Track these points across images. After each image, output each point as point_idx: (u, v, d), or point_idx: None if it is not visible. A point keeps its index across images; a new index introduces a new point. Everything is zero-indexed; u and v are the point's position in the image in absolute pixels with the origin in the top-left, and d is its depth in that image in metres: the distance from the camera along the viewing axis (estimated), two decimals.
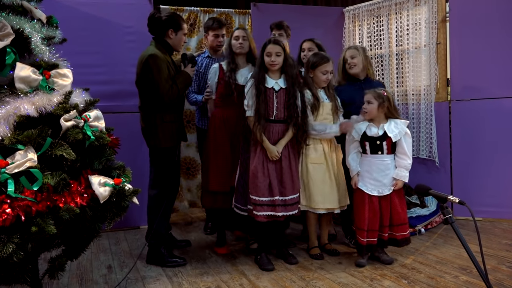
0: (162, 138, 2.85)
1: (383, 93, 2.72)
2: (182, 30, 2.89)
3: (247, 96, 2.78)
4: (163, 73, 2.74)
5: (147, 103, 2.85)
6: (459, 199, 1.59)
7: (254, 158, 2.77)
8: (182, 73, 2.91)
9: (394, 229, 2.75)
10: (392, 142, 2.70)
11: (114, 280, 2.64)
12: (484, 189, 3.67)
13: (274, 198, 2.72)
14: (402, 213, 2.75)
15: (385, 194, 2.72)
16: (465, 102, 3.75)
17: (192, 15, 4.21)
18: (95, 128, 2.07)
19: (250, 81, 2.80)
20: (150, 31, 2.89)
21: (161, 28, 2.83)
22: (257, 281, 2.56)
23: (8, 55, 1.90)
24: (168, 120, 2.86)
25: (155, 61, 2.73)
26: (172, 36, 2.85)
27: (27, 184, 1.74)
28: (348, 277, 2.58)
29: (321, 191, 2.85)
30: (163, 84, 2.73)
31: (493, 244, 3.09)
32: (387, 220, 2.73)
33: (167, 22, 2.82)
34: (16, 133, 1.81)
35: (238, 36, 2.99)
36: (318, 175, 2.86)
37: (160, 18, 2.83)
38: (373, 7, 4.23)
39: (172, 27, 2.84)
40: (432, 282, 2.46)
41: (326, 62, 2.89)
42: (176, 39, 2.88)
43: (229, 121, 2.99)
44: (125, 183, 2.06)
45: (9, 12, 1.98)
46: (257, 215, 2.72)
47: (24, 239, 1.72)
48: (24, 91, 1.91)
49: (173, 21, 2.84)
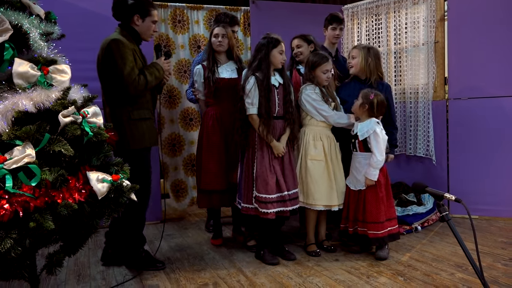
0: (130, 138, 2.58)
1: (370, 96, 2.80)
2: (151, 17, 2.65)
3: (250, 94, 2.76)
4: (127, 60, 2.50)
5: (111, 96, 2.59)
6: (456, 197, 1.60)
7: (261, 156, 2.78)
8: (153, 65, 2.68)
9: (367, 226, 2.82)
10: (360, 140, 2.82)
11: (111, 276, 2.64)
12: (480, 187, 3.69)
13: (283, 193, 2.77)
14: (375, 212, 2.79)
15: (358, 189, 2.86)
16: (463, 101, 3.76)
17: (178, 11, 4.10)
18: (93, 124, 2.07)
19: (251, 78, 2.77)
20: (115, 16, 2.66)
21: (126, 13, 2.60)
22: (254, 278, 2.57)
23: (6, 50, 1.89)
24: (136, 117, 2.59)
25: (118, 46, 2.50)
26: (139, 23, 2.62)
27: (25, 179, 1.74)
28: (344, 274, 2.59)
29: (319, 188, 2.87)
30: (127, 71, 2.48)
31: (489, 242, 3.11)
32: (360, 215, 2.84)
33: (132, 7, 2.59)
34: (14, 129, 1.81)
35: (218, 34, 3.02)
36: (317, 172, 2.88)
37: (125, 2, 2.59)
38: (372, 5, 4.24)
39: (138, 13, 2.60)
40: (428, 279, 2.47)
41: (326, 61, 2.90)
42: (143, 26, 2.64)
43: (222, 118, 3.02)
44: (123, 179, 2.06)
45: (7, 7, 1.97)
46: (268, 213, 2.72)
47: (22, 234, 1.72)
48: (23, 87, 1.90)
49: (139, 6, 2.60)
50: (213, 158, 3.02)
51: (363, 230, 2.83)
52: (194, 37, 4.17)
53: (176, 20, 4.09)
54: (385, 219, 2.80)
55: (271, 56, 2.76)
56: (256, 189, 2.76)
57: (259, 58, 2.78)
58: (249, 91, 2.75)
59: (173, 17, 4.07)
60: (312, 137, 2.91)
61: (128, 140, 2.57)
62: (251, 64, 2.84)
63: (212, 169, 3.01)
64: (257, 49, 2.83)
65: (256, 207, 2.78)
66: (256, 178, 2.77)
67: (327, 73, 2.91)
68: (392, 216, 2.86)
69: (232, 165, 3.04)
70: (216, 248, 3.15)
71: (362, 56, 3.03)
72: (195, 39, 4.17)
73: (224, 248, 3.16)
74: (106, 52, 2.52)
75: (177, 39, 4.10)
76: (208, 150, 3.03)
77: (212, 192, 3.03)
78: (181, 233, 3.59)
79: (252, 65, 2.82)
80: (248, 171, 2.83)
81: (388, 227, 2.81)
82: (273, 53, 2.76)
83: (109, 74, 2.55)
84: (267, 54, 2.76)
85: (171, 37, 4.06)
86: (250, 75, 2.79)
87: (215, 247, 3.17)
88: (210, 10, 4.23)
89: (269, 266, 2.74)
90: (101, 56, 2.57)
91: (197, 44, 4.17)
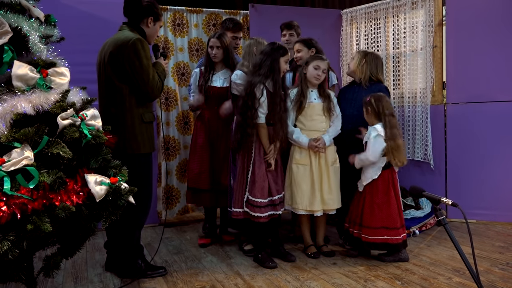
0: (141, 142, 2.50)
1: (366, 98, 2.86)
2: (160, 22, 2.67)
3: (263, 104, 2.74)
4: (150, 62, 2.45)
5: (124, 96, 2.47)
6: (452, 201, 1.61)
7: (259, 162, 2.80)
8: (159, 65, 2.60)
9: (361, 229, 2.83)
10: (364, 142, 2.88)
11: (109, 279, 2.64)
12: (478, 191, 3.70)
13: (273, 197, 2.82)
14: (368, 216, 2.80)
15: (360, 191, 2.89)
16: (461, 105, 3.77)
17: (178, 15, 4.10)
18: (92, 127, 2.07)
19: (264, 89, 2.74)
20: (126, 14, 2.60)
21: (140, 13, 2.55)
22: (252, 281, 2.57)
23: (6, 53, 1.90)
24: (147, 120, 2.55)
25: (144, 47, 2.42)
26: (150, 26, 2.59)
27: (23, 182, 1.74)
28: (342, 277, 2.59)
29: (301, 192, 2.88)
30: (152, 74, 2.44)
31: (487, 246, 3.12)
32: (358, 218, 2.86)
33: (148, 9, 2.56)
34: (13, 131, 1.81)
35: (212, 46, 3.16)
36: (300, 176, 2.90)
37: (140, 2, 2.54)
38: (371, 9, 4.26)
39: (152, 15, 2.58)
40: (426, 283, 2.48)
41: (319, 59, 2.91)
42: (153, 29, 2.62)
43: (210, 122, 3.21)
44: (121, 182, 2.06)
45: (7, 10, 1.98)
46: (260, 217, 2.75)
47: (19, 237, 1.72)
48: (22, 89, 1.91)
49: (155, 9, 2.59)
50: (196, 158, 3.23)
51: (358, 233, 2.85)
52: (193, 40, 4.17)
53: (176, 24, 4.10)
54: (380, 226, 2.77)
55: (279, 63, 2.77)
56: (252, 193, 2.77)
57: (268, 65, 2.74)
58: (263, 102, 2.74)
59: (172, 20, 4.07)
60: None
61: (139, 144, 2.50)
62: (257, 70, 2.77)
63: (194, 169, 3.22)
64: (264, 55, 2.78)
65: (246, 211, 2.79)
66: (253, 182, 2.78)
67: (318, 70, 2.89)
68: (392, 225, 2.77)
69: (218, 168, 3.21)
70: (214, 251, 3.15)
71: (358, 58, 3.09)
72: (194, 42, 4.17)
73: (222, 251, 3.16)
74: (131, 50, 2.39)
75: (176, 41, 4.10)
76: (193, 151, 3.27)
77: (196, 190, 3.23)
78: (179, 236, 3.59)
79: (260, 71, 2.76)
80: (242, 176, 2.84)
81: (385, 235, 2.76)
82: (280, 62, 2.77)
83: (131, 73, 2.43)
84: (278, 61, 2.76)
85: (170, 39, 4.07)
86: (259, 83, 2.74)
87: (212, 250, 3.17)
88: (209, 13, 4.24)
89: (267, 269, 2.74)
90: (119, 54, 2.41)
91: (196, 47, 4.18)
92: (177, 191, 4.12)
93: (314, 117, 2.93)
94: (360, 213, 2.84)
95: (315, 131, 2.93)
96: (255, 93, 2.73)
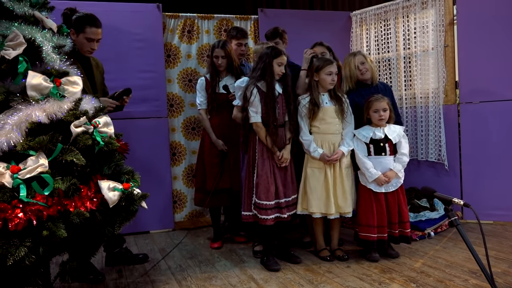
0: None
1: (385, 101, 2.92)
2: (84, 34, 2.65)
3: (254, 103, 2.80)
4: None
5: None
6: (464, 202, 1.59)
7: (261, 164, 2.82)
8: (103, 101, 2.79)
9: (402, 225, 2.88)
10: (393, 144, 2.90)
11: (124, 284, 2.67)
12: (494, 192, 3.63)
13: (280, 200, 2.83)
14: (362, 215, 2.89)
15: (391, 191, 2.88)
16: (474, 105, 3.72)
17: (189, 21, 4.13)
18: (105, 134, 2.11)
19: (254, 89, 2.81)
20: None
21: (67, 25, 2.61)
22: (265, 285, 2.57)
23: (21, 63, 1.96)
24: None
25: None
26: (74, 37, 2.65)
27: (39, 189, 1.79)
28: (356, 280, 2.57)
29: (316, 195, 2.87)
30: None
31: (504, 247, 3.06)
32: (395, 217, 2.87)
33: (70, 20, 2.65)
34: (28, 139, 1.86)
35: (217, 56, 3.27)
36: (315, 179, 2.89)
37: (66, 14, 2.68)
38: (380, 10, 4.24)
39: (73, 27, 2.65)
40: (441, 285, 2.44)
41: (330, 63, 2.90)
42: (77, 41, 2.66)
43: (219, 127, 3.30)
44: (134, 187, 2.09)
45: (21, 22, 2.04)
46: (266, 219, 2.77)
47: (35, 243, 1.76)
48: (36, 99, 1.96)
49: (76, 21, 2.64)
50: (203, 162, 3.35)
51: (401, 231, 2.93)
52: (203, 46, 4.20)
53: (186, 30, 4.13)
54: (376, 225, 2.84)
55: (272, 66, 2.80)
56: (257, 195, 2.79)
57: (260, 67, 2.82)
58: (253, 101, 2.79)
59: (183, 27, 4.12)
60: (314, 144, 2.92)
61: None
62: (252, 73, 2.90)
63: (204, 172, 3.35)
64: (259, 59, 2.87)
65: (255, 214, 2.81)
66: (257, 184, 2.80)
67: (331, 75, 2.89)
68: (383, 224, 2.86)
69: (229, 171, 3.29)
70: (227, 256, 3.15)
71: (369, 60, 3.14)
72: (205, 48, 4.20)
73: (235, 255, 3.17)
74: None
75: (184, 48, 4.14)
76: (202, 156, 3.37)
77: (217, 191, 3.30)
78: (192, 240, 3.61)
79: (254, 74, 2.86)
80: (248, 178, 2.87)
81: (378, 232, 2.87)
82: (273, 64, 2.80)
83: None
84: (270, 63, 2.79)
85: (178, 46, 4.10)
86: (251, 84, 2.83)
87: (226, 254, 3.18)
88: (220, 19, 4.27)
89: (280, 273, 2.74)
90: None
91: (207, 53, 4.20)
92: (183, 195, 4.16)
93: (328, 120, 2.91)
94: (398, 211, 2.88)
95: (330, 134, 2.93)
96: (246, 94, 2.83)
